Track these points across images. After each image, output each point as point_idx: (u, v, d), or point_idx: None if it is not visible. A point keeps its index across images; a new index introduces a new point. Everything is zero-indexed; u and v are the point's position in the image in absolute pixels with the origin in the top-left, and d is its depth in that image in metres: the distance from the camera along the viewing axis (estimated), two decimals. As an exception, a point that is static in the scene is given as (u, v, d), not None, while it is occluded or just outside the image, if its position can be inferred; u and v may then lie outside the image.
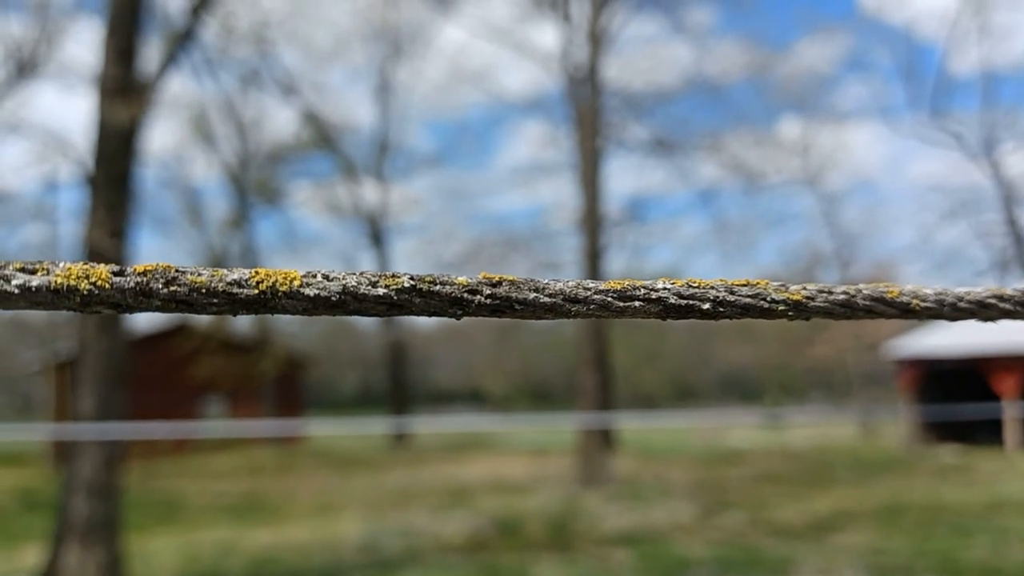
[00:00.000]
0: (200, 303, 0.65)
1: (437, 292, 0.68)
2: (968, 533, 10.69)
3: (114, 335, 8.58)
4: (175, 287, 0.64)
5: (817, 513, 12.56)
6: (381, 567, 9.51)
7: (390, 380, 34.34)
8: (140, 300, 0.64)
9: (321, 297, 0.66)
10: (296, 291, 0.66)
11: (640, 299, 0.72)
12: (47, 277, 0.62)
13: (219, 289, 0.65)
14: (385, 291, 0.67)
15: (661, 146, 21.92)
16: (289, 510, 14.23)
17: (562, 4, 20.19)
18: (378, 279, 0.68)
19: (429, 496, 15.17)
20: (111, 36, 8.89)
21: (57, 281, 0.62)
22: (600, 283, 0.73)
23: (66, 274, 0.62)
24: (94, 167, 8.85)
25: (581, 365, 18.63)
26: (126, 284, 0.63)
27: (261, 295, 0.66)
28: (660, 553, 9.87)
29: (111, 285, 0.63)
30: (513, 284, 0.69)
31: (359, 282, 0.67)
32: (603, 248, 19.86)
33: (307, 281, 0.66)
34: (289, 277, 0.67)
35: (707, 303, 0.73)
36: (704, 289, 0.73)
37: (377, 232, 33.80)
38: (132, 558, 9.00)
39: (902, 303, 0.79)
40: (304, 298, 0.66)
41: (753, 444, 26.93)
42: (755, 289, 0.74)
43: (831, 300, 0.77)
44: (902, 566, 9.03)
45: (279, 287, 0.66)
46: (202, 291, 0.65)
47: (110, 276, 0.63)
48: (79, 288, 0.62)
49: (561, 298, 0.70)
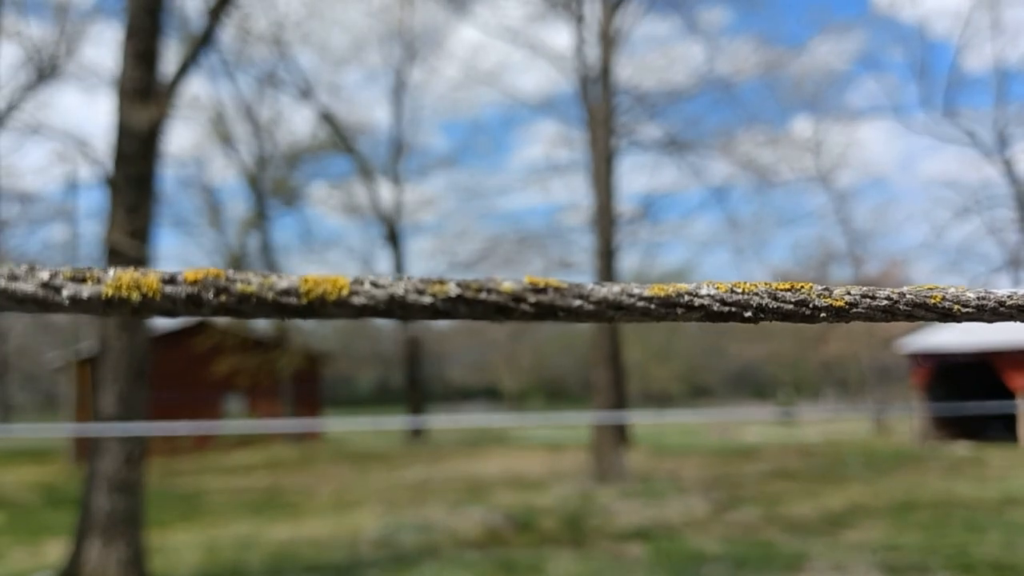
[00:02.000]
0: (250, 312, 0.65)
1: (483, 300, 0.69)
2: (981, 529, 10.68)
3: (135, 333, 8.72)
4: (225, 296, 0.64)
5: (830, 509, 12.59)
6: (398, 561, 9.60)
7: (406, 377, 34.50)
8: (191, 309, 0.64)
9: (369, 306, 0.67)
10: (344, 300, 0.66)
11: (683, 306, 0.72)
12: (98, 287, 0.62)
13: (269, 299, 0.65)
14: (432, 300, 0.69)
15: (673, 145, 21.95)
16: (308, 505, 14.37)
17: (575, 4, 20.26)
18: (425, 287, 0.69)
19: (445, 491, 15.28)
20: (130, 39, 9.02)
21: (108, 292, 0.62)
22: (644, 289, 0.72)
23: (116, 284, 0.63)
24: (114, 168, 8.99)
25: (595, 362, 18.72)
26: (177, 294, 0.64)
27: (310, 304, 0.66)
28: (674, 548, 9.92)
29: (162, 295, 0.64)
30: (558, 291, 0.70)
31: (406, 290, 0.68)
32: (616, 247, 19.93)
33: (355, 289, 0.67)
34: (338, 286, 0.67)
35: (749, 310, 0.73)
36: (748, 295, 0.73)
37: (393, 231, 33.96)
38: (154, 553, 9.14)
39: (944, 308, 0.79)
40: (352, 307, 0.67)
41: (766, 440, 26.94)
42: (799, 295, 0.75)
43: (874, 306, 0.77)
44: (915, 562, 9.03)
45: (328, 296, 0.66)
46: (252, 300, 0.65)
47: (161, 285, 0.63)
48: (130, 299, 0.63)
49: (604, 305, 0.71)
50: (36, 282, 0.61)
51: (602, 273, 18.85)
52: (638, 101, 21.34)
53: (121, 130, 8.90)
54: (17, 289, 0.61)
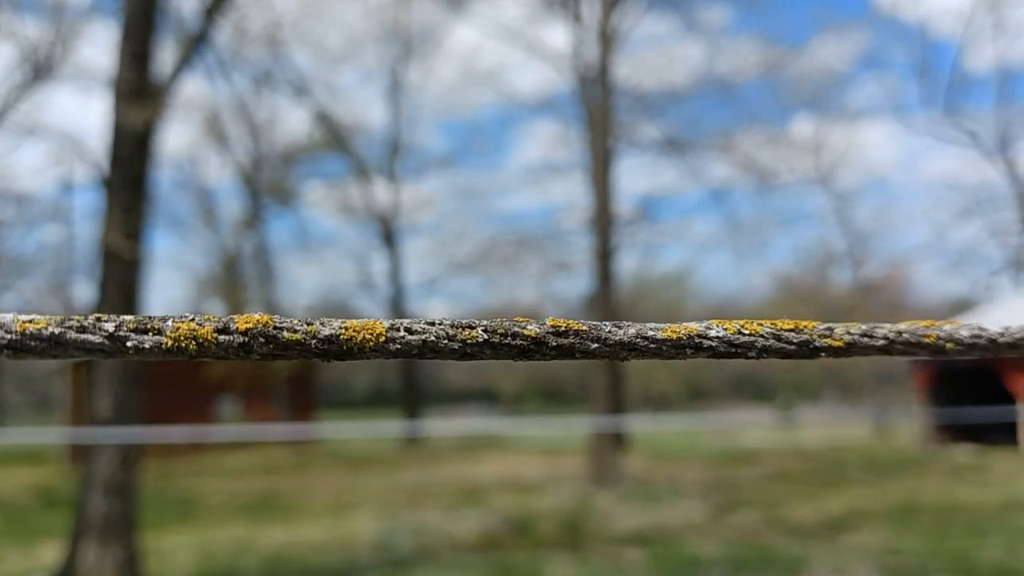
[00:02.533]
0: (294, 356, 0.71)
1: (507, 344, 0.75)
2: (983, 533, 10.66)
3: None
4: (273, 345, 0.69)
5: (830, 513, 12.55)
6: (395, 565, 9.57)
7: (402, 380, 34.44)
8: (241, 355, 0.69)
9: (402, 350, 0.72)
10: (381, 346, 0.71)
11: (692, 347, 0.77)
12: (159, 338, 0.66)
13: (312, 346, 0.70)
14: (460, 344, 0.74)
15: (672, 145, 21.91)
16: (303, 509, 14.31)
17: (573, 4, 20.21)
18: (455, 333, 0.73)
19: (442, 495, 15.23)
20: (126, 39, 8.98)
21: (168, 343, 0.67)
22: (658, 332, 0.76)
23: (175, 335, 0.67)
24: (109, 169, 8.93)
25: (593, 365, 18.65)
26: (230, 342, 0.68)
27: (349, 350, 0.71)
28: (672, 552, 9.89)
29: (216, 343, 0.68)
30: (577, 334, 0.75)
31: (438, 336, 0.73)
32: (614, 248, 19.87)
33: (391, 336, 0.71)
34: (375, 333, 0.71)
35: (754, 351, 0.78)
36: (754, 337, 0.77)
37: (389, 232, 33.92)
38: (149, 555, 9.08)
39: (938, 346, 0.83)
40: (388, 351, 0.72)
41: (766, 444, 26.90)
42: (801, 335, 0.78)
43: (871, 345, 0.81)
44: (916, 566, 9.02)
45: (366, 344, 0.71)
46: (296, 348, 0.69)
47: (215, 336, 0.68)
48: (187, 348, 0.67)
49: (619, 347, 0.76)
50: (103, 333, 0.65)
51: (600, 274, 18.80)
52: (637, 101, 21.30)
53: (117, 131, 8.85)
54: (86, 340, 0.65)
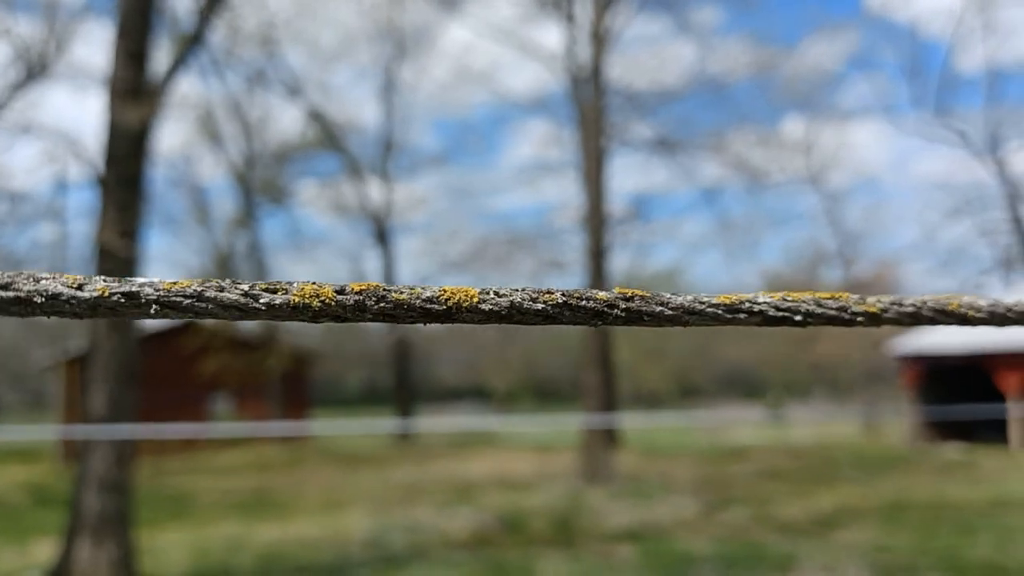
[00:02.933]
0: (402, 316, 0.76)
1: (583, 306, 0.79)
2: (972, 531, 10.75)
3: (125, 333, 8.69)
4: (383, 304, 0.75)
5: (821, 510, 12.64)
6: (387, 562, 9.61)
7: (395, 377, 34.45)
8: (356, 314, 0.75)
9: (493, 311, 0.78)
10: (475, 306, 0.77)
11: (744, 311, 0.82)
12: (287, 296, 0.72)
13: (416, 305, 0.76)
14: (543, 306, 0.78)
15: (664, 145, 21.99)
16: (296, 506, 14.35)
17: (565, 4, 20.27)
18: (538, 296, 0.78)
19: (435, 492, 15.27)
20: (121, 38, 8.99)
21: (295, 299, 0.72)
22: (713, 298, 0.82)
23: (301, 293, 0.73)
24: (105, 168, 8.95)
25: (585, 363, 18.73)
26: (347, 301, 0.74)
27: (448, 310, 0.77)
28: (664, 549, 9.96)
29: (335, 302, 0.74)
30: (643, 299, 0.80)
31: (523, 299, 0.78)
32: (607, 247, 19.94)
33: (482, 298, 0.77)
34: (469, 295, 0.77)
35: (799, 315, 0.84)
36: (797, 303, 0.83)
37: (382, 231, 33.92)
38: (143, 553, 9.11)
39: (960, 313, 0.89)
40: (480, 311, 0.77)
41: (757, 441, 27.02)
42: (839, 302, 0.84)
43: (900, 312, 0.87)
44: (906, 564, 9.08)
45: (463, 303, 0.77)
46: (404, 307, 0.75)
47: (335, 295, 0.74)
48: (311, 305, 0.73)
49: (681, 311, 0.81)
50: (238, 292, 0.72)
51: (593, 273, 18.87)
52: (629, 101, 21.36)
53: (112, 130, 8.87)
54: (224, 297, 0.71)
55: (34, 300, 0.63)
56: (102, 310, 0.65)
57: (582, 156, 19.42)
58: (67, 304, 0.64)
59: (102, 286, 0.66)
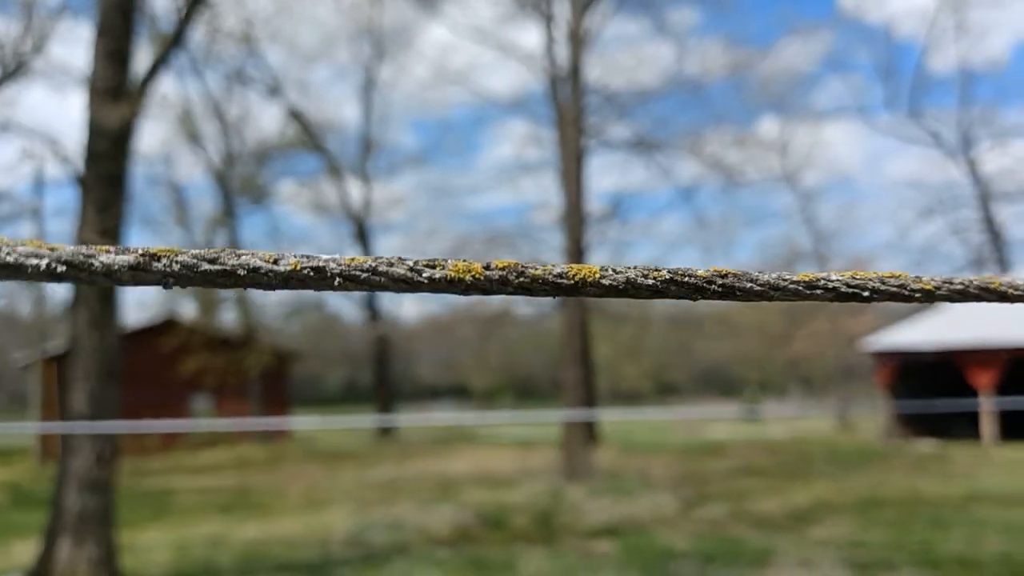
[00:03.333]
0: (537, 289, 0.83)
1: (686, 282, 0.87)
2: (945, 525, 10.89)
3: (106, 331, 8.67)
4: (523, 278, 0.82)
5: (797, 505, 12.79)
6: (369, 560, 9.63)
7: (375, 375, 34.42)
8: (499, 287, 0.82)
9: (612, 286, 0.85)
10: (597, 281, 0.85)
11: (820, 288, 0.90)
12: (444, 271, 0.80)
13: (549, 280, 0.83)
14: (652, 281, 0.86)
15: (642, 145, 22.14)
16: (278, 504, 14.34)
17: (544, 4, 20.35)
18: (648, 273, 0.86)
19: (415, 490, 15.32)
20: (101, 37, 8.97)
21: (450, 274, 0.80)
22: (794, 275, 0.91)
23: (455, 269, 0.81)
24: (85, 167, 8.93)
25: (564, 360, 18.84)
26: (492, 276, 0.82)
27: (575, 284, 0.84)
28: (643, 545, 10.05)
29: (484, 277, 0.82)
30: (735, 276, 0.88)
31: (636, 275, 0.86)
32: (586, 245, 20.06)
33: (603, 274, 0.86)
34: (593, 272, 0.86)
35: (867, 291, 0.91)
36: (864, 281, 0.91)
37: (362, 230, 33.87)
38: (124, 552, 9.10)
39: (1001, 291, 0.97)
40: (601, 286, 0.85)
41: (733, 437, 27.25)
42: (899, 280, 0.92)
43: (951, 289, 0.95)
44: (881, 558, 9.18)
45: (587, 278, 0.85)
46: (539, 281, 0.83)
47: (483, 270, 0.81)
48: (464, 279, 0.80)
49: (768, 287, 0.89)
50: (405, 267, 0.79)
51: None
52: (607, 101, 21.49)
53: (92, 128, 8.84)
54: (394, 272, 0.79)
55: (238, 272, 0.72)
56: (293, 282, 0.74)
57: (561, 155, 19.52)
58: (264, 276, 0.72)
59: (294, 261, 0.74)
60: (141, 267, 0.68)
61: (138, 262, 0.68)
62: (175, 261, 0.69)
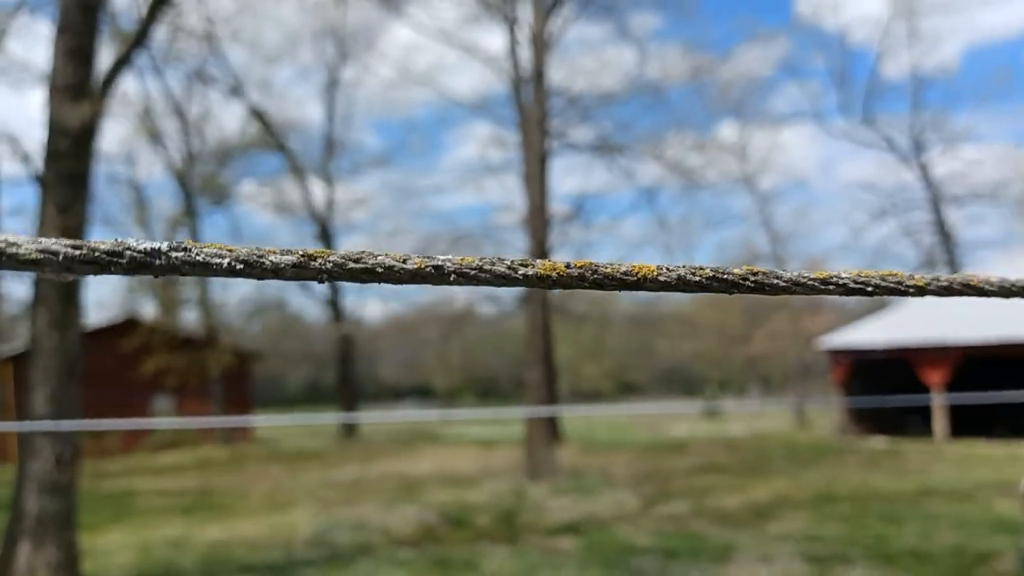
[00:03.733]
0: (607, 284, 0.92)
1: (725, 279, 0.97)
2: (899, 520, 11.13)
3: (67, 331, 8.59)
4: (596, 275, 0.91)
5: (756, 501, 13.00)
6: (333, 560, 9.64)
7: (338, 376, 34.26)
8: (578, 282, 0.90)
9: (667, 282, 0.94)
10: (655, 278, 0.94)
11: (832, 284, 1.01)
12: (534, 269, 0.88)
13: (617, 276, 0.92)
14: (699, 279, 0.96)
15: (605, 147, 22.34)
16: (240, 505, 14.26)
17: (508, 8, 20.46)
18: (696, 271, 0.96)
19: (379, 490, 15.32)
20: (61, 35, 8.88)
21: (540, 272, 0.88)
22: (811, 273, 1.01)
23: (543, 267, 0.89)
24: (44, 166, 8.83)
25: (527, 361, 18.96)
26: (572, 273, 0.91)
27: (637, 280, 0.93)
28: (605, 542, 10.16)
29: (565, 274, 0.90)
30: (764, 274, 0.99)
31: (685, 272, 0.96)
32: (550, 247, 20.19)
33: (659, 272, 0.95)
34: (651, 269, 0.94)
35: (870, 287, 1.02)
36: (868, 278, 1.02)
37: (325, 230, 33.70)
38: (85, 556, 9.02)
39: (979, 287, 1.07)
40: (659, 282, 0.94)
41: (694, 435, 27.57)
42: (896, 278, 1.03)
43: (939, 285, 1.06)
44: (836, 552, 9.35)
45: (647, 275, 0.94)
46: (609, 277, 0.92)
47: (565, 268, 0.90)
48: (551, 275, 0.89)
49: (791, 283, 0.99)
50: (505, 265, 0.87)
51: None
52: (571, 104, 21.65)
53: (52, 127, 8.75)
54: (495, 269, 0.86)
55: (376, 270, 0.81)
56: (418, 278, 0.83)
57: (524, 157, 19.63)
58: (396, 273, 0.82)
59: (419, 260, 0.83)
60: (301, 265, 0.78)
61: (299, 261, 0.78)
62: (328, 260, 0.79)
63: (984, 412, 23.13)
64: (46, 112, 8.81)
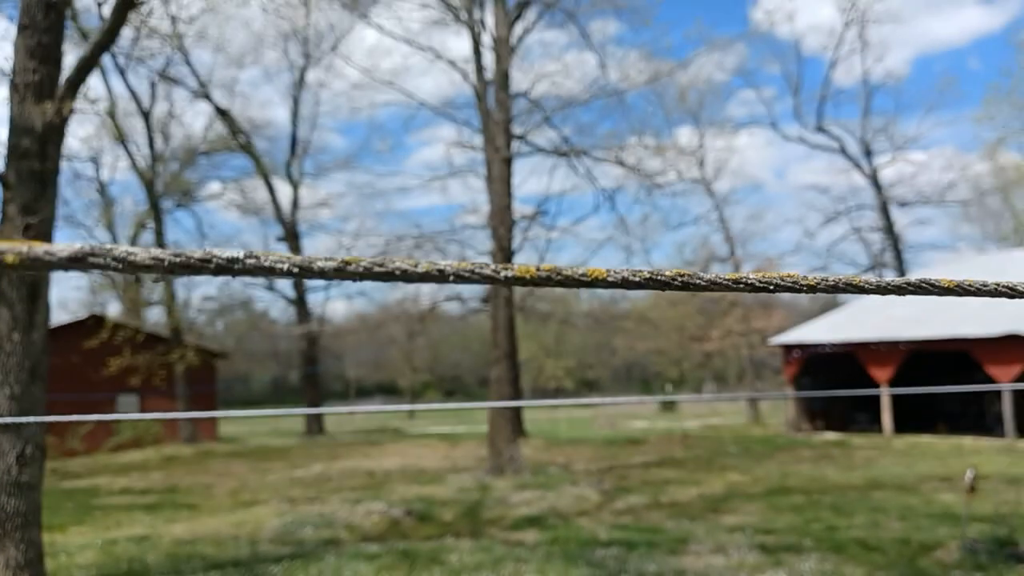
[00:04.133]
0: (568, 283, 0.99)
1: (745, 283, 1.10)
2: (848, 511, 11.41)
3: (31, 330, 8.60)
4: (560, 276, 1.01)
5: (711, 494, 13.27)
6: (298, 556, 9.62)
7: (303, 374, 34.19)
8: (545, 283, 0.99)
9: (613, 282, 1.05)
10: (604, 279, 1.04)
11: (743, 283, 1.12)
12: (513, 272, 0.97)
13: (575, 277, 1.03)
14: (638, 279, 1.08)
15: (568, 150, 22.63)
16: (206, 503, 14.25)
17: (472, 12, 20.64)
18: (636, 272, 1.07)
19: (345, 486, 15.41)
20: (21, 32, 8.86)
21: (517, 274, 0.96)
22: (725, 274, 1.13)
23: (520, 270, 0.96)
24: (6, 164, 8.82)
25: (493, 357, 19.18)
26: (541, 275, 1.01)
27: (591, 280, 1.04)
28: (567, 535, 10.30)
29: (536, 276, 1.01)
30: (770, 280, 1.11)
31: (628, 275, 1.06)
32: (514, 248, 20.42)
33: (608, 274, 1.05)
34: (601, 272, 1.04)
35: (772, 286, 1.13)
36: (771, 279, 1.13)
37: (290, 230, 33.58)
38: (49, 556, 9.01)
39: (860, 285, 1.18)
40: (607, 282, 1.01)
41: (651, 430, 27.97)
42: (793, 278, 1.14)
43: (826, 285, 1.17)
44: (789, 542, 9.58)
45: (599, 277, 1.04)
46: (569, 278, 1.02)
47: (535, 271, 0.98)
48: (525, 277, 0.97)
49: (710, 283, 1.11)
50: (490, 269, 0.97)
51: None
52: (533, 107, 21.89)
53: (14, 126, 8.75)
54: (483, 272, 0.96)
55: (395, 272, 0.92)
56: (427, 278, 0.93)
57: (488, 159, 19.83)
58: (411, 276, 0.93)
59: (427, 264, 0.93)
60: (340, 269, 0.90)
61: (340, 266, 0.90)
62: (360, 265, 0.90)
63: (928, 408, 23.89)
64: (7, 111, 8.80)
